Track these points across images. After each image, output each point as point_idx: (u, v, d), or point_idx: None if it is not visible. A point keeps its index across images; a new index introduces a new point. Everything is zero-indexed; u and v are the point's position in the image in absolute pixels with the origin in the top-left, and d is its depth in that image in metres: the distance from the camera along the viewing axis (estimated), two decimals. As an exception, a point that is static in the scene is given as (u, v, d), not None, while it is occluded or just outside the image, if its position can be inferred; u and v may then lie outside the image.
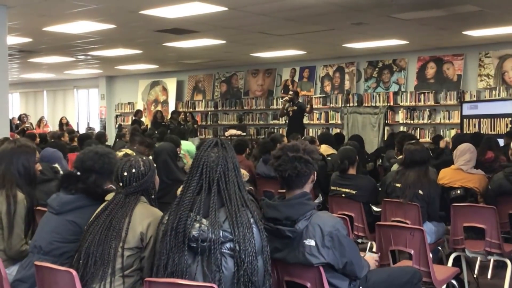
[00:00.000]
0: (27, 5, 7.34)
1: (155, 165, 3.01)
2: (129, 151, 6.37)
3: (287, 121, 11.53)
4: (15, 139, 3.94)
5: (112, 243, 2.66)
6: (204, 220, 2.45)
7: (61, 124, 15.39)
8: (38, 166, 3.75)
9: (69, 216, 3.00)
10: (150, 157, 5.39)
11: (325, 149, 7.22)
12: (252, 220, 2.48)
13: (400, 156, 5.73)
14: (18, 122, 15.37)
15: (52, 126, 16.38)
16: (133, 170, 2.83)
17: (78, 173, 3.10)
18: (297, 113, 10.92)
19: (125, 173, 2.83)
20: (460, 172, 5.13)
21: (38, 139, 9.07)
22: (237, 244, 2.41)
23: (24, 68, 15.21)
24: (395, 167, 5.74)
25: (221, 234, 2.42)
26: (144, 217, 2.73)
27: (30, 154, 3.66)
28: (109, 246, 2.66)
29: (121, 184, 2.84)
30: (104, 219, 2.75)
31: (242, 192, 2.55)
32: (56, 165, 4.66)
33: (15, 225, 3.38)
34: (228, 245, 2.42)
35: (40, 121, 15.67)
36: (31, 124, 15.49)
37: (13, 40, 9.63)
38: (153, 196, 2.92)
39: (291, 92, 11.40)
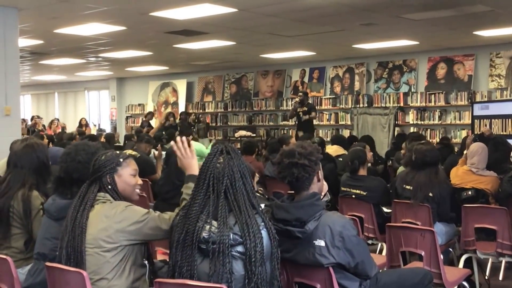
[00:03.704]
0: (39, 7, 7.38)
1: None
2: (133, 152, 6.48)
3: (296, 122, 11.53)
4: (26, 138, 3.89)
5: (80, 243, 2.61)
6: (214, 222, 2.43)
7: (80, 125, 15.38)
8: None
9: None
10: (134, 153, 5.24)
11: (336, 150, 7.23)
12: (262, 224, 2.47)
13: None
14: (30, 123, 15.39)
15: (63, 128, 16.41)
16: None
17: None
18: (306, 114, 10.93)
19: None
20: (471, 173, 5.09)
21: (46, 140, 9.08)
22: (248, 254, 2.38)
23: (36, 70, 15.31)
24: (401, 168, 5.72)
25: (231, 236, 2.40)
26: (98, 221, 2.64)
27: (46, 149, 3.68)
28: (79, 246, 2.61)
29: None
30: (70, 219, 2.69)
31: (252, 200, 2.51)
32: None
33: (33, 227, 3.39)
34: (238, 248, 2.41)
35: (51, 122, 15.72)
36: (43, 126, 15.54)
37: (24, 42, 9.69)
38: (109, 187, 2.76)
39: (300, 94, 11.40)
